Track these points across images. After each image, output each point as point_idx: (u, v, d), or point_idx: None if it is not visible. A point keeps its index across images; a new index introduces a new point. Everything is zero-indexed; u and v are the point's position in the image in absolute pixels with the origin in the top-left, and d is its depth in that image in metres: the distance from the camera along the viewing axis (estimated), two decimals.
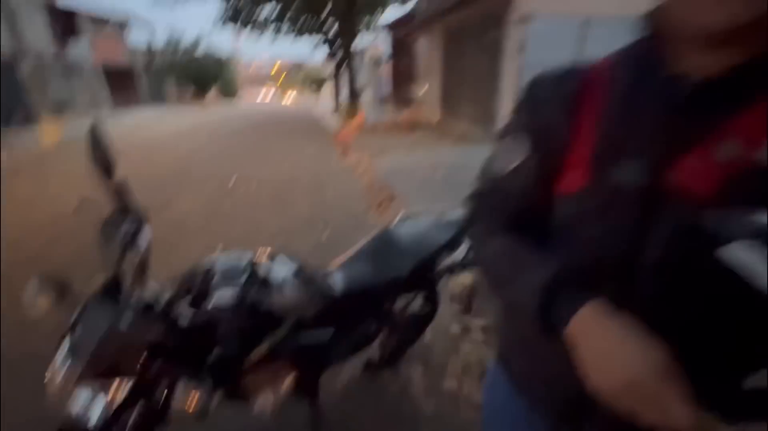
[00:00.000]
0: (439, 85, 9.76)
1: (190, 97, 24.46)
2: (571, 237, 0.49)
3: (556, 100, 0.50)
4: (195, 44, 24.68)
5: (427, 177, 4.37)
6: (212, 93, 26.41)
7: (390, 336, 1.36)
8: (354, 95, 10.71)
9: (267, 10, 12.31)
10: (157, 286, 0.87)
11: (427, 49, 10.73)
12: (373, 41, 17.12)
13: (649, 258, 0.43)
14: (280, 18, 12.75)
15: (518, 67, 6.02)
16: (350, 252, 1.21)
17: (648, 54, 0.44)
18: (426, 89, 10.80)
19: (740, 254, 0.35)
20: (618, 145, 0.44)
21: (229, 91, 29.32)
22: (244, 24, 12.50)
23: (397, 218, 1.49)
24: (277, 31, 13.50)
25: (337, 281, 1.03)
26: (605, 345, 0.41)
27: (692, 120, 0.40)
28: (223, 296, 0.79)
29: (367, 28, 13.93)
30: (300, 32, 13.69)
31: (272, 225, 3.18)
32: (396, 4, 11.97)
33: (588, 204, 0.46)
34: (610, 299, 0.43)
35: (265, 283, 0.83)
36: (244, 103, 27.80)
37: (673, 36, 0.41)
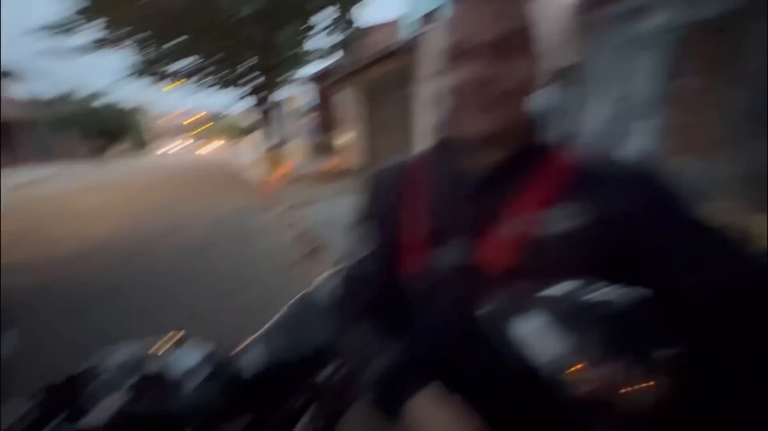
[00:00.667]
0: (362, 134, 10.21)
1: (90, 152, 22.00)
2: (416, 317, 0.55)
3: (387, 192, 0.59)
4: (95, 95, 22.62)
5: None
6: (117, 147, 24.12)
7: (320, 409, 1.26)
8: (278, 145, 10.66)
9: (183, 63, 11.98)
10: (22, 402, 0.71)
11: (348, 101, 11.27)
12: (296, 92, 17.51)
13: (475, 337, 0.48)
14: (198, 71, 12.47)
15: (433, 119, 6.57)
16: (271, 321, 1.13)
17: (446, 152, 0.56)
18: (350, 138, 11.20)
19: (524, 329, 0.38)
20: (438, 230, 0.53)
21: (138, 144, 27.12)
22: (158, 77, 11.97)
23: (322, 276, 1.44)
24: (196, 83, 13.16)
25: (254, 359, 0.95)
26: (435, 429, 0.46)
27: (482, 205, 0.50)
28: (105, 408, 0.67)
29: (290, 81, 14.26)
30: (221, 85, 13.50)
31: (187, 294, 2.88)
32: (317, 60, 12.52)
33: (424, 286, 0.53)
34: (449, 381, 0.50)
35: (161, 382, 0.72)
36: (156, 156, 25.93)
37: (454, 140, 0.54)
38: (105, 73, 12.33)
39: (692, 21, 2.95)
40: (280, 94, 17.19)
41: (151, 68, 11.38)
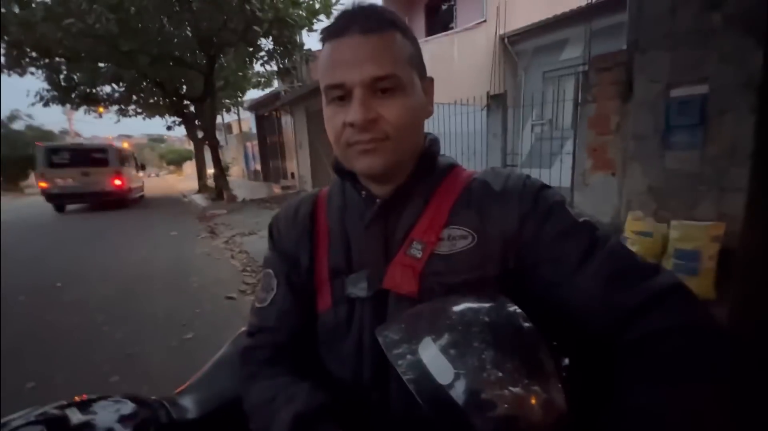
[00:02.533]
0: (309, 159, 10.17)
1: (4, 183, 19.42)
2: (332, 352, 0.55)
3: (294, 230, 0.58)
4: (9, 119, 20.23)
5: None
6: (33, 178, 21.57)
7: None
8: (220, 172, 10.24)
9: (108, 89, 11.22)
10: None
11: (292, 126, 11.22)
12: (237, 118, 17.09)
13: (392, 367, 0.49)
14: (125, 99, 11.75)
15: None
16: (209, 362, 1.06)
17: (347, 181, 0.57)
18: (293, 164, 11.09)
19: (423, 354, 0.38)
20: (344, 262, 0.53)
21: None
22: (79, 102, 11.07)
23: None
24: (123, 111, 12.36)
25: (188, 407, 0.88)
26: None
27: (385, 230, 0.52)
28: None
29: (228, 108, 13.90)
30: (150, 113, 12.80)
31: (119, 335, 2.60)
32: (261, 86, 12.35)
33: (336, 319, 0.53)
34: (364, 420, 0.49)
35: None
36: None
37: (350, 173, 0.55)
38: (20, 95, 11.00)
39: (594, 55, 3.39)
40: (223, 120, 16.70)
41: (74, 92, 10.55)
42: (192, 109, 11.66)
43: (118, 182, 9.37)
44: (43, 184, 8.88)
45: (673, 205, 2.83)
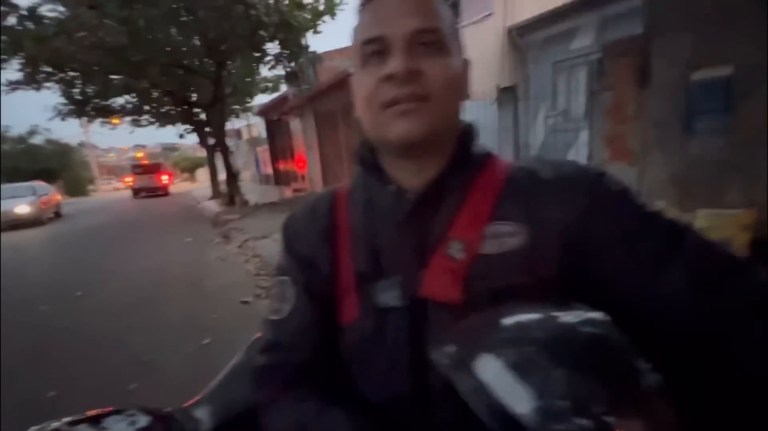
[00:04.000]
0: (318, 161, 10.21)
1: None
2: (361, 370, 0.48)
3: (311, 232, 0.51)
4: (29, 133, 20.89)
5: None
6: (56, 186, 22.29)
7: None
8: (232, 177, 10.35)
9: (122, 101, 11.48)
10: None
11: (301, 129, 11.28)
12: (247, 123, 17.29)
13: (434, 385, 0.43)
14: (138, 109, 12.01)
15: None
16: (223, 371, 1.04)
17: (374, 171, 0.49)
18: (304, 167, 11.15)
19: (487, 369, 0.32)
20: (372, 266, 0.46)
21: (76, 186, 25.18)
22: (94, 114, 11.35)
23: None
24: (136, 121, 12.63)
25: (203, 419, 0.85)
26: None
27: (420, 228, 0.45)
28: None
29: (237, 114, 14.06)
30: (163, 122, 13.05)
31: (135, 341, 2.62)
32: (269, 90, 12.47)
33: (365, 333, 0.46)
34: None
35: None
36: (99, 197, 24.23)
37: (382, 157, 0.48)
38: (39, 109, 11.43)
39: (609, 42, 3.28)
40: (233, 125, 16.91)
41: (88, 105, 10.82)
42: (203, 116, 11.83)
43: (164, 179, 18.93)
44: (130, 182, 19.49)
45: (698, 194, 2.70)
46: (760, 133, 2.40)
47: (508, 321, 0.36)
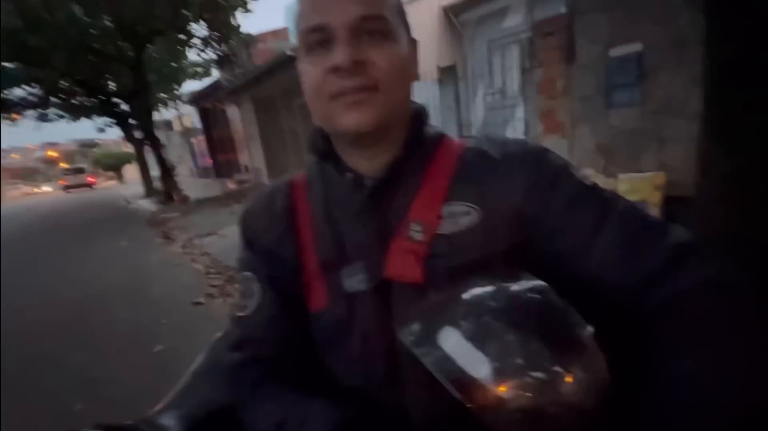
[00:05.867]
0: (261, 150, 9.77)
1: None
2: (334, 356, 0.49)
3: (271, 225, 0.51)
4: None
5: None
6: None
7: None
8: (167, 172, 9.57)
9: (22, 92, 10.00)
10: None
11: (240, 117, 10.67)
12: (178, 113, 15.96)
13: (405, 365, 0.44)
14: (43, 102, 10.53)
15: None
16: (183, 377, 0.99)
17: (328, 166, 0.50)
18: (245, 157, 10.63)
19: (449, 341, 0.35)
20: (336, 253, 0.48)
21: None
22: None
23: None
24: (43, 116, 11.08)
25: (170, 425, 0.82)
26: None
27: (380, 212, 0.47)
28: None
29: (165, 104, 12.90)
30: (75, 115, 11.59)
31: (75, 360, 2.40)
32: (200, 76, 11.52)
33: (334, 318, 0.47)
34: (380, 426, 0.45)
35: None
36: (6, 205, 21.18)
37: (336, 145, 0.49)
38: None
39: (537, 21, 3.47)
40: (161, 116, 15.51)
41: None
42: (125, 107, 10.71)
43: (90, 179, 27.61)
44: (63, 182, 27.51)
45: (619, 161, 3.01)
46: (669, 103, 2.71)
47: (465, 295, 0.39)
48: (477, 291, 0.40)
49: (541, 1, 5.77)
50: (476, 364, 0.34)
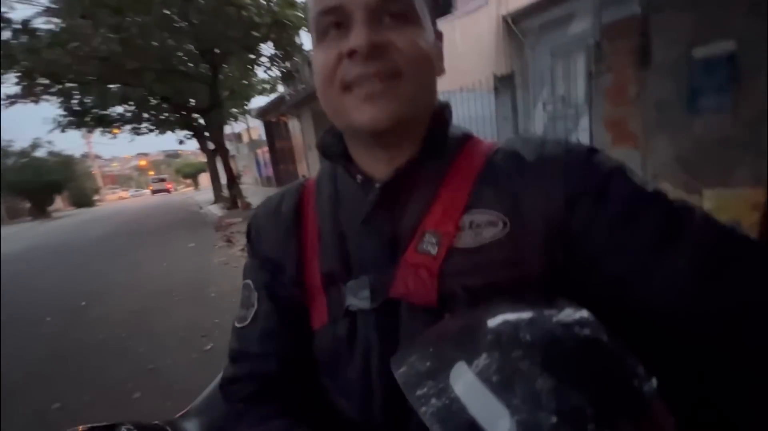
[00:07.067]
0: (318, 160, 10.18)
1: (29, 212, 20.15)
2: (332, 378, 0.44)
3: (276, 231, 0.47)
4: (31, 147, 20.86)
5: None
6: (59, 202, 22.38)
7: None
8: (233, 180, 10.35)
9: (120, 109, 11.50)
10: None
11: (300, 130, 11.25)
12: (246, 126, 17.29)
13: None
14: (136, 117, 12.01)
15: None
16: (212, 383, 1.00)
17: (339, 168, 0.45)
18: (303, 168, 11.12)
19: (461, 380, 0.27)
20: (340, 266, 0.42)
21: (81, 197, 25.31)
22: (93, 125, 11.39)
23: None
24: (136, 129, 12.64)
25: (192, 430, 0.82)
26: None
27: (389, 224, 0.40)
28: None
29: (236, 117, 14.03)
30: (162, 129, 13.05)
31: (139, 350, 2.62)
32: (267, 92, 12.41)
33: (334, 338, 0.42)
34: None
35: None
36: (105, 206, 24.39)
37: (349, 144, 0.43)
38: (40, 122, 11.53)
39: (606, 24, 3.20)
40: (232, 129, 16.91)
41: (87, 115, 10.85)
42: (201, 121, 11.83)
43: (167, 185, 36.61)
44: (150, 188, 37.36)
45: (705, 174, 2.63)
46: (766, 109, 2.32)
47: (491, 322, 0.31)
48: (506, 317, 0.31)
49: (611, 4, 5.38)
50: (493, 417, 0.25)
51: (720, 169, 2.56)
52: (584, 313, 0.30)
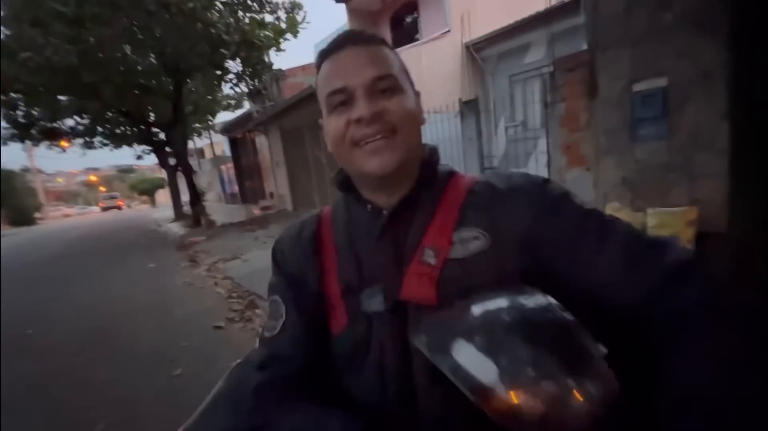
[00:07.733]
0: (287, 177, 10.08)
1: None
2: (352, 375, 0.52)
3: (298, 251, 0.57)
4: None
5: None
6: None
7: None
8: (196, 197, 9.97)
9: (71, 122, 10.83)
10: None
11: (268, 146, 11.12)
12: (210, 142, 16.80)
13: (419, 383, 0.47)
14: (89, 131, 11.35)
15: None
16: (205, 401, 1.00)
17: (351, 199, 0.57)
18: (271, 185, 10.97)
19: (462, 352, 0.38)
20: (356, 277, 0.52)
21: (21, 215, 23.16)
22: (40, 138, 10.63)
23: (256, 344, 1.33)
24: (88, 143, 11.92)
25: None
26: None
27: (395, 242, 0.52)
28: None
29: (199, 133, 13.66)
30: (118, 143, 12.41)
31: (99, 378, 2.45)
32: (232, 108, 12.21)
33: (355, 337, 0.51)
34: None
35: None
36: (48, 225, 22.50)
37: (357, 183, 0.55)
38: None
39: (558, 57, 3.53)
40: (194, 144, 16.36)
41: (34, 128, 10.13)
42: (162, 136, 11.39)
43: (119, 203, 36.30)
44: (101, 205, 37.38)
45: (648, 195, 2.93)
46: (697, 138, 2.65)
47: (477, 309, 0.42)
48: (489, 305, 0.43)
49: (563, 37, 5.91)
50: (489, 373, 0.36)
51: (660, 190, 2.87)
52: (549, 299, 0.42)
